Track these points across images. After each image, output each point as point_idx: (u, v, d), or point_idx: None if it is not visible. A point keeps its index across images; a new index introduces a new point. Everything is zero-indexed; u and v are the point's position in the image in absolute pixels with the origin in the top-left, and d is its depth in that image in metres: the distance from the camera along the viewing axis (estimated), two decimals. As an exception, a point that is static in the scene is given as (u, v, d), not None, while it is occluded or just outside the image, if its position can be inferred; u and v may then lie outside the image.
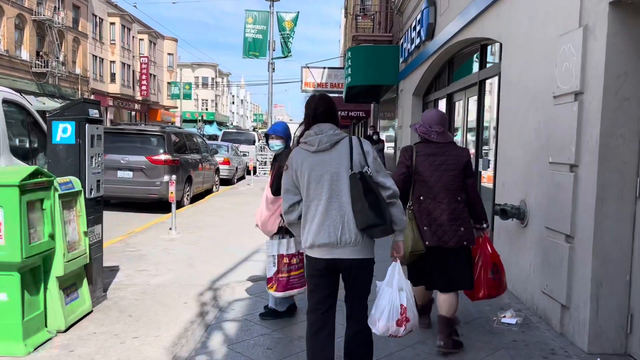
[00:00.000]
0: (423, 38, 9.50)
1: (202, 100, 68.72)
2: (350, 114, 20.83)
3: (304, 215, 2.80)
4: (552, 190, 4.09)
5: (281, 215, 3.80)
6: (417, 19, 9.92)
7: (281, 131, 4.19)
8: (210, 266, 6.03)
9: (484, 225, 3.72)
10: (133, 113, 46.83)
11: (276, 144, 4.20)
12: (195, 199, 12.72)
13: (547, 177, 4.18)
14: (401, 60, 12.30)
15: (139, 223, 9.06)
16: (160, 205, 11.00)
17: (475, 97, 7.32)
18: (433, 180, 3.56)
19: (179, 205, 11.16)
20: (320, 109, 2.87)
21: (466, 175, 3.59)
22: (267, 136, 4.36)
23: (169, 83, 53.16)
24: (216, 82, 72.08)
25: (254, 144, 20.63)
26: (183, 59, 65.14)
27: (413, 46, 10.51)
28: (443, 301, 3.63)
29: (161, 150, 10.75)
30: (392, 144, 17.94)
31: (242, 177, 19.68)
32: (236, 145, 21.70)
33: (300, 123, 3.06)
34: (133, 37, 45.58)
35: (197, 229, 8.35)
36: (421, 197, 3.60)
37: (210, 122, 64.41)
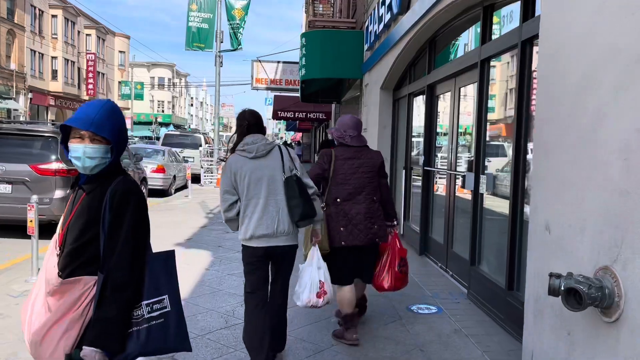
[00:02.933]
0: (395, 12, 7.27)
1: (158, 101, 65.65)
2: (309, 115, 18.50)
3: (242, 211, 3.26)
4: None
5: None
6: (387, -10, 7.71)
7: None
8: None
9: (395, 222, 4.10)
10: (78, 114, 43.31)
11: None
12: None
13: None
14: (366, 47, 10.07)
15: (2, 258, 6.47)
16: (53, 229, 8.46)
17: (473, 86, 5.12)
18: (351, 182, 3.81)
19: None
20: (252, 121, 3.36)
21: (380, 176, 3.94)
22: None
23: (120, 83, 49.80)
24: (173, 83, 68.91)
25: (199, 148, 18.04)
26: (139, 59, 61.82)
27: (381, 26, 8.28)
28: (344, 297, 3.88)
29: (52, 157, 8.15)
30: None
31: (185, 187, 17.08)
32: (179, 149, 19.12)
33: (232, 134, 3.56)
34: (79, 32, 42.20)
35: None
36: (338, 199, 3.81)
37: (166, 125, 61.25)
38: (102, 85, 46.36)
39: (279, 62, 17.18)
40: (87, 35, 44.07)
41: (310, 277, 3.51)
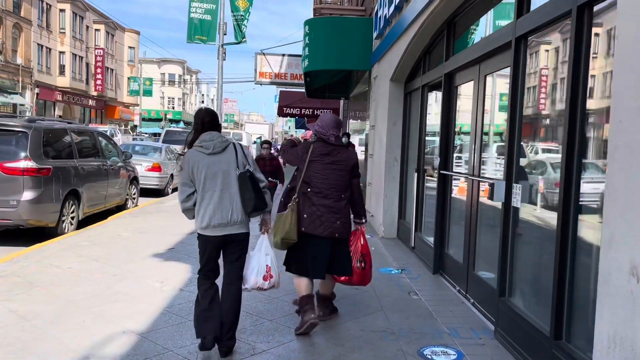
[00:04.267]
0: (408, -11, 6.26)
1: (169, 98, 65.07)
2: (316, 112, 17.49)
3: (199, 203, 3.51)
4: None
5: None
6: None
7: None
8: None
9: (363, 220, 4.31)
10: (87, 110, 42.83)
11: None
12: (96, 218, 9.25)
13: None
14: (375, 35, 9.06)
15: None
16: (28, 233, 7.70)
17: (505, 71, 4.11)
18: (322, 177, 3.98)
19: (54, 233, 7.73)
20: (207, 119, 3.61)
21: (352, 176, 4.10)
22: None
23: (129, 79, 49.21)
24: (184, 80, 68.31)
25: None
26: (149, 55, 61.32)
27: (392, 8, 7.28)
28: (321, 283, 4.27)
29: (22, 154, 7.28)
30: (364, 148, 14.74)
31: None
32: (179, 147, 18.27)
33: (190, 131, 3.71)
34: (87, 26, 41.59)
35: (26, 291, 4.93)
36: (309, 189, 3.99)
37: (176, 122, 60.68)
38: (110, 81, 45.80)
39: (283, 55, 16.19)
40: (96, 30, 43.48)
41: (258, 261, 3.77)
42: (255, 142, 36.44)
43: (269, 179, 7.88)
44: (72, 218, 8.32)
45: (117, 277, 5.54)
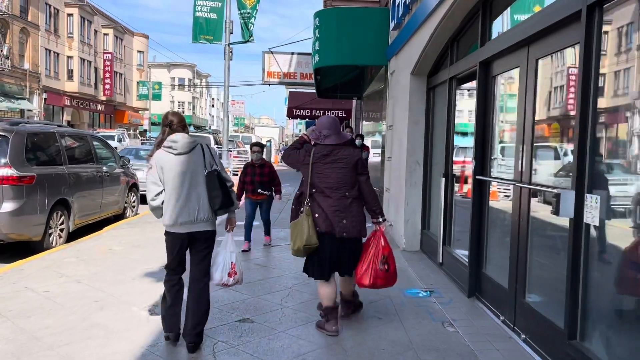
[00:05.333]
0: (434, -34, 5.41)
1: (179, 102, 64.75)
2: (327, 113, 16.65)
3: (167, 201, 3.59)
4: None
5: None
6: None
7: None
8: None
9: (380, 219, 4.14)
10: (96, 115, 42.47)
11: None
12: (91, 229, 8.53)
13: None
14: (392, 26, 8.21)
15: None
16: (12, 248, 7.09)
17: (566, 53, 3.25)
18: (324, 177, 3.97)
19: (40, 248, 6.99)
20: (175, 120, 3.72)
21: (358, 173, 4.03)
22: None
23: (138, 83, 48.84)
24: (194, 84, 67.99)
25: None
26: (159, 59, 61.01)
27: (414, -8, 6.43)
28: (342, 283, 4.26)
29: (1, 161, 6.55)
30: (379, 151, 13.84)
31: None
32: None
33: (160, 133, 3.77)
34: (95, 31, 41.25)
35: (-13, 324, 4.15)
36: (314, 190, 4.00)
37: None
38: (119, 85, 45.44)
39: (292, 53, 15.37)
40: (104, 34, 43.16)
41: (224, 259, 3.91)
42: (264, 146, 35.76)
43: (259, 190, 6.90)
44: (62, 230, 7.57)
45: (98, 303, 4.74)
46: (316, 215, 3.94)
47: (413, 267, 6.20)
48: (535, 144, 3.85)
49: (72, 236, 7.92)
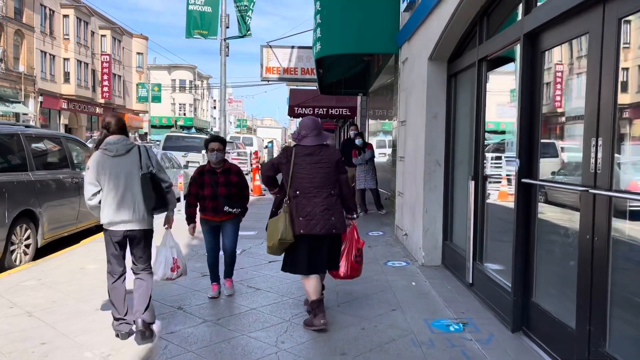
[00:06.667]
0: None
1: (180, 104, 63.87)
2: (330, 111, 15.61)
3: (104, 200, 3.75)
4: None
5: None
6: None
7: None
8: None
9: (354, 216, 4.32)
10: (94, 117, 41.60)
11: None
12: (70, 241, 7.55)
13: None
14: (403, 7, 7.18)
15: None
16: None
17: None
18: (309, 177, 4.05)
19: (1, 267, 6.01)
20: (112, 122, 3.87)
21: (338, 172, 4.15)
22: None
23: (137, 85, 47.98)
24: (195, 85, 67.11)
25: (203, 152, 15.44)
26: (160, 61, 60.14)
27: (432, -41, 5.41)
28: (310, 286, 4.13)
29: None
30: (386, 150, 12.83)
31: (187, 197, 14.51)
32: (182, 153, 16.60)
33: (99, 135, 3.95)
34: (92, 32, 40.39)
35: None
36: (298, 192, 4.06)
37: (188, 128, 59.36)
38: (118, 88, 44.60)
39: (292, 47, 14.34)
40: (102, 36, 42.28)
41: (165, 255, 4.16)
42: (267, 147, 34.70)
43: (226, 208, 4.69)
44: (28, 247, 6.59)
45: (44, 347, 3.74)
46: (300, 218, 4.02)
47: (437, 289, 5.18)
48: (616, 137, 2.82)
49: (45, 251, 6.95)
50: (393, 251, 6.99)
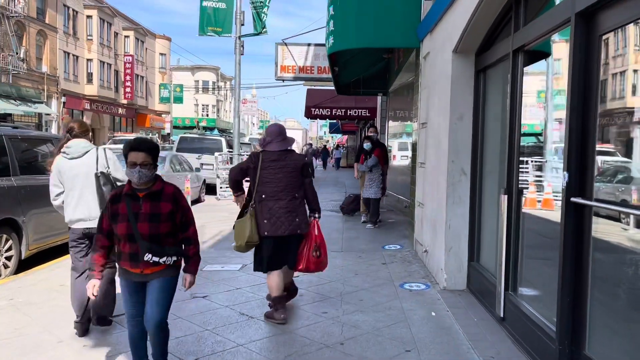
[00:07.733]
0: None
1: (203, 105, 63.97)
2: (349, 112, 14.83)
3: (65, 200, 4.06)
4: None
5: None
6: None
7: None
8: None
9: (316, 215, 4.54)
10: (117, 118, 41.72)
11: None
12: (62, 251, 6.94)
13: None
14: (426, -5, 6.39)
15: None
16: None
17: None
18: (275, 182, 4.28)
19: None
20: (75, 127, 4.15)
21: (303, 176, 4.41)
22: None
23: (160, 86, 48.04)
24: (218, 87, 67.06)
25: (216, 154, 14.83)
26: (183, 62, 60.18)
27: None
28: (272, 282, 4.39)
29: None
30: (407, 153, 12.00)
31: (199, 200, 13.93)
32: (197, 155, 16.02)
33: (66, 139, 4.16)
34: (116, 33, 40.50)
35: None
36: (263, 196, 4.30)
37: (211, 129, 59.30)
38: (141, 88, 44.64)
39: (309, 44, 13.63)
40: (125, 36, 42.40)
41: None
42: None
43: (147, 257, 2.98)
44: (9, 259, 6.02)
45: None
46: (265, 221, 4.26)
47: (461, 321, 4.37)
48: None
49: (33, 262, 6.39)
50: (411, 270, 6.19)
